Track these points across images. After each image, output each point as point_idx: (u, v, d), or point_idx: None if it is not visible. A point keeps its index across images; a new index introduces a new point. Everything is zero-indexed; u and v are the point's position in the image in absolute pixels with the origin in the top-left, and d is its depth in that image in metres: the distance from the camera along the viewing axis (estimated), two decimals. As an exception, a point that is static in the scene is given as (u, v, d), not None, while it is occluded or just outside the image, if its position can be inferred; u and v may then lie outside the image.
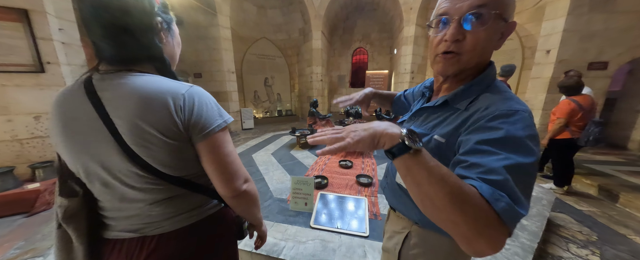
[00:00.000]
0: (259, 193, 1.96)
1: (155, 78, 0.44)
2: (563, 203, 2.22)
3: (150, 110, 0.41)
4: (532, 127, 0.37)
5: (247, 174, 0.51)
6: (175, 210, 0.49)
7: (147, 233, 0.47)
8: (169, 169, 0.45)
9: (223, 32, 5.04)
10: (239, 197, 0.50)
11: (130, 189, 0.45)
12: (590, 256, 1.51)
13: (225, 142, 0.47)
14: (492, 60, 0.47)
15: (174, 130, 0.42)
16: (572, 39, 3.27)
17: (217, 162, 0.46)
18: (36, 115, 2.24)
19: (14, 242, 1.62)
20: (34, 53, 2.12)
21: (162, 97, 0.41)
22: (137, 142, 0.41)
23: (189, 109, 0.43)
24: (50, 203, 2.06)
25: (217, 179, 0.47)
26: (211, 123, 0.45)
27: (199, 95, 0.46)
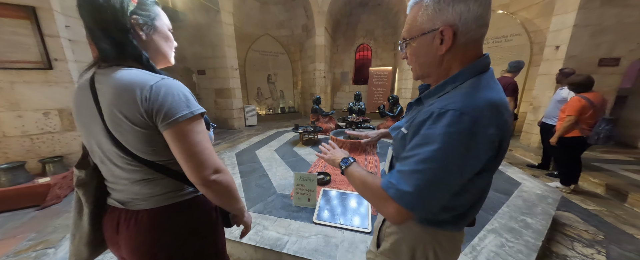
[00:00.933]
0: (262, 189, 2.02)
1: (133, 71, 0.48)
2: (569, 202, 2.19)
3: (122, 99, 0.46)
4: (455, 126, 0.39)
5: (218, 165, 0.52)
6: (151, 191, 0.54)
7: (129, 207, 0.55)
8: (142, 154, 0.50)
9: (226, 29, 5.04)
10: (207, 187, 0.51)
11: (115, 167, 0.53)
12: (596, 255, 1.50)
13: (192, 132, 0.48)
14: (486, 56, 0.48)
15: (140, 118, 0.46)
16: (582, 34, 3.17)
17: (183, 151, 0.48)
18: (45, 112, 2.29)
19: (27, 234, 1.68)
20: (41, 50, 2.15)
21: (132, 88, 0.46)
22: (114, 128, 0.48)
23: (154, 99, 0.45)
24: (61, 197, 2.12)
25: (184, 167, 0.50)
26: (175, 113, 0.46)
27: (167, 86, 0.47)
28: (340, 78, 8.51)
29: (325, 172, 2.29)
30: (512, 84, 2.70)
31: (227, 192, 0.55)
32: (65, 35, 2.28)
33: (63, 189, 2.17)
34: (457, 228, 0.53)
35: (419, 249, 0.55)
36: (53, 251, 1.50)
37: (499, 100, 0.42)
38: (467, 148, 0.39)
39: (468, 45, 0.45)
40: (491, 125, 0.40)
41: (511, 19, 4.63)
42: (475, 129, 0.39)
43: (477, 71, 0.46)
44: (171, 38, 0.59)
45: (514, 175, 2.34)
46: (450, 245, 0.54)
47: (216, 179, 0.51)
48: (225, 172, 0.54)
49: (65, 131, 2.41)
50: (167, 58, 0.59)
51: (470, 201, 0.50)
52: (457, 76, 0.46)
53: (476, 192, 0.49)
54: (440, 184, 0.41)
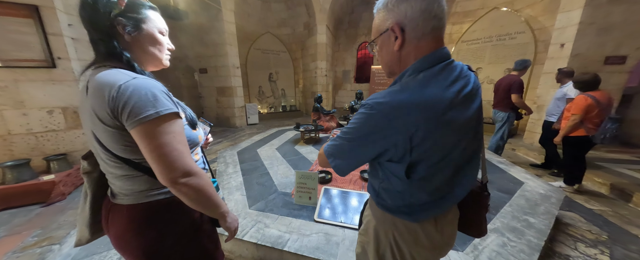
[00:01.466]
0: (263, 187, 2.03)
1: (111, 71, 0.49)
2: (572, 201, 2.17)
3: (95, 98, 0.48)
4: (362, 114, 0.49)
5: (188, 168, 0.50)
6: (132, 187, 0.55)
7: (116, 200, 0.58)
8: (117, 151, 0.51)
9: (228, 27, 5.04)
10: (176, 190, 0.50)
11: (103, 161, 0.55)
12: (599, 255, 1.48)
13: (159, 133, 0.47)
14: (439, 51, 0.51)
15: (108, 117, 0.47)
16: (588, 31, 3.12)
17: (148, 151, 0.48)
18: (49, 110, 2.31)
19: (32, 230, 1.70)
20: (45, 48, 2.17)
21: (102, 87, 0.47)
22: (92, 126, 0.51)
23: (120, 98, 0.45)
24: (65, 194, 2.15)
25: (153, 168, 0.49)
26: (139, 112, 0.46)
27: (135, 85, 0.47)
28: (341, 76, 8.48)
29: (326, 170, 2.29)
30: (516, 82, 2.67)
31: (199, 196, 0.53)
32: (68, 34, 2.29)
33: (67, 186, 2.20)
34: (411, 218, 0.55)
35: (381, 231, 0.60)
36: (58, 247, 1.52)
37: (408, 101, 0.45)
38: (364, 133, 0.49)
39: (420, 40, 0.49)
40: (393, 121, 0.45)
41: (515, 17, 4.57)
42: (376, 120, 0.47)
43: (420, 68, 0.49)
44: (161, 40, 0.59)
45: (517, 174, 2.32)
46: (409, 235, 0.56)
47: (186, 182, 0.50)
48: (198, 176, 0.52)
49: (69, 129, 2.43)
50: (156, 60, 0.60)
51: (418, 195, 0.53)
52: (401, 75, 0.52)
53: (412, 183, 0.52)
54: (346, 152, 0.53)
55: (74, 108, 2.41)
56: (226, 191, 1.97)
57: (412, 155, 0.48)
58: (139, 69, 0.54)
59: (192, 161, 0.52)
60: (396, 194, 0.55)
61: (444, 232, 0.58)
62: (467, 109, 0.49)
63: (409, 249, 0.57)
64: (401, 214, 0.56)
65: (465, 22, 5.50)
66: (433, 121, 0.45)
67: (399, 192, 0.54)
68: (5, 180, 2.01)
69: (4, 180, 2.02)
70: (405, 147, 0.47)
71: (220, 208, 0.60)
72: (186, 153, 0.51)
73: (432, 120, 0.45)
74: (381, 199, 0.59)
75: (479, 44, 5.17)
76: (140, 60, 0.56)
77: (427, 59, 0.49)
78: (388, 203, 0.57)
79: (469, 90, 0.49)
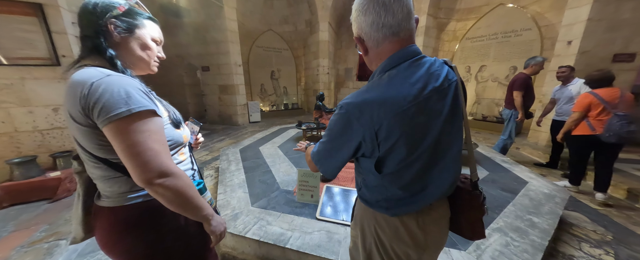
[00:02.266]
0: (266, 184, 2.04)
1: (88, 70, 0.48)
2: (577, 201, 2.15)
3: (68, 97, 0.47)
4: (335, 115, 0.54)
5: (164, 169, 0.48)
6: (112, 189, 0.54)
7: (100, 203, 0.57)
8: (93, 150, 0.51)
9: (229, 24, 5.02)
10: (152, 191, 0.49)
11: (84, 162, 0.55)
12: (604, 256, 1.47)
13: (131, 131, 0.46)
14: (398, 52, 0.54)
15: (80, 115, 0.47)
16: (596, 28, 3.05)
17: (120, 150, 0.46)
18: (55, 107, 2.33)
19: (40, 226, 1.74)
20: (50, 46, 2.19)
21: (75, 86, 0.46)
22: (69, 125, 0.51)
23: (91, 95, 0.45)
24: (71, 190, 2.19)
25: (127, 168, 0.48)
26: (110, 110, 0.44)
27: (108, 83, 0.46)
28: (343, 74, 8.43)
29: (328, 168, 2.29)
30: (520, 78, 2.62)
31: (177, 198, 0.51)
32: (72, 32, 2.31)
33: (73, 182, 2.23)
34: (389, 212, 0.57)
35: (365, 224, 0.63)
36: (64, 242, 1.55)
37: (371, 99, 0.49)
38: (338, 132, 0.54)
39: (378, 46, 0.54)
40: (360, 118, 0.49)
41: (521, 13, 4.48)
42: (346, 119, 0.51)
43: (385, 68, 0.53)
44: (151, 46, 0.59)
45: (521, 174, 2.30)
46: (389, 229, 0.58)
47: (162, 183, 0.48)
48: (175, 177, 0.50)
49: (74, 126, 2.46)
50: (142, 63, 0.59)
51: (391, 188, 0.55)
52: (372, 76, 0.57)
53: (384, 179, 0.55)
54: (328, 155, 0.58)
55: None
56: (229, 188, 1.99)
57: (380, 151, 0.51)
58: (121, 68, 0.53)
59: (170, 161, 0.50)
60: (373, 189, 0.59)
61: (427, 230, 0.58)
62: (436, 104, 0.50)
63: (390, 243, 0.59)
64: (380, 208, 0.58)
65: (469, 19, 5.41)
66: (396, 117, 0.48)
67: (375, 186, 0.58)
68: (12, 177, 2.05)
69: (12, 177, 2.05)
70: (373, 143, 0.51)
71: (202, 211, 0.57)
72: (163, 152, 0.49)
73: (395, 116, 0.48)
74: (363, 193, 0.62)
75: (483, 41, 5.09)
76: (125, 61, 0.56)
77: (392, 59, 0.53)
78: (368, 197, 0.60)
79: (437, 85, 0.51)
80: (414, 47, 0.53)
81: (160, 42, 0.63)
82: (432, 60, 0.54)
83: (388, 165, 0.53)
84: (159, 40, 0.62)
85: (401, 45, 0.52)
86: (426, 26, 5.35)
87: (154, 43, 0.60)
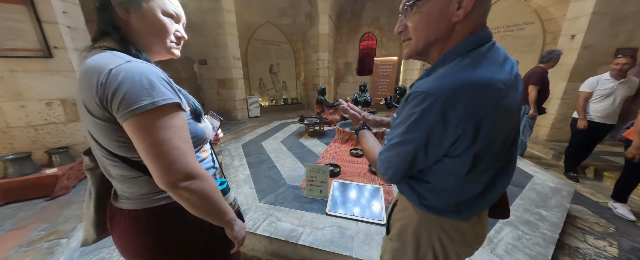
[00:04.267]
0: (272, 180, 2.01)
1: (104, 54, 0.42)
2: (579, 195, 2.18)
3: (82, 86, 0.41)
4: (418, 107, 0.42)
5: (190, 170, 0.43)
6: (132, 190, 0.49)
7: (118, 204, 0.51)
8: (111, 148, 0.45)
9: (227, 16, 4.86)
10: (176, 195, 0.43)
11: (100, 159, 0.49)
12: (608, 248, 1.49)
13: (156, 127, 0.40)
14: (484, 29, 0.44)
15: (97, 108, 0.41)
16: (601, 22, 3.04)
17: (143, 149, 0.40)
18: (48, 102, 2.23)
19: (38, 224, 1.68)
20: (40, 37, 2.07)
21: (90, 73, 0.40)
22: (83, 118, 0.45)
23: (109, 84, 0.39)
24: (69, 187, 2.12)
25: (149, 169, 0.42)
26: (133, 102, 0.39)
27: (128, 70, 0.40)
28: (343, 68, 8.34)
29: (334, 163, 2.27)
30: (536, 72, 2.56)
31: (203, 202, 0.46)
32: (63, 22, 2.18)
33: (71, 179, 2.16)
34: (460, 217, 0.51)
35: (423, 235, 0.55)
36: (66, 241, 1.50)
37: (473, 80, 0.39)
38: (425, 128, 0.42)
39: (482, 14, 0.43)
40: (458, 107, 0.39)
41: (524, 6, 4.44)
42: (438, 111, 0.40)
43: (468, 48, 0.43)
44: (164, 23, 0.49)
45: (525, 167, 2.31)
46: (457, 234, 0.53)
47: (187, 186, 0.43)
48: (201, 179, 0.45)
49: (70, 122, 2.37)
50: (157, 45, 0.50)
51: (471, 189, 0.48)
52: (446, 57, 0.45)
53: (468, 178, 0.47)
54: (406, 157, 0.47)
55: (73, 100, 2.33)
56: (234, 184, 1.95)
57: (477, 146, 0.42)
58: (135, 51, 0.46)
59: (196, 161, 0.45)
60: (443, 193, 0.50)
61: (484, 222, 0.56)
62: (516, 92, 0.45)
63: (457, 249, 0.54)
64: (449, 214, 0.51)
65: (471, 13, 5.34)
66: (498, 104, 0.40)
67: (446, 189, 0.49)
68: (7, 174, 1.97)
69: (6, 174, 1.97)
70: (472, 138, 0.41)
71: (226, 215, 0.52)
72: (189, 152, 0.44)
73: (497, 102, 0.40)
74: (424, 199, 0.53)
75: (485, 35, 5.04)
76: (137, 43, 0.48)
77: (476, 37, 0.43)
78: (434, 203, 0.52)
79: (516, 71, 0.45)
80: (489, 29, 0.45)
81: (177, 17, 0.52)
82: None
83: (479, 163, 0.45)
84: (175, 14, 0.51)
85: (484, 24, 0.45)
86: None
87: (169, 18, 0.50)
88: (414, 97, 0.43)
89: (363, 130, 0.72)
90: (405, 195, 0.58)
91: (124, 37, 0.46)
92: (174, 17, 0.52)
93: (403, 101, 0.47)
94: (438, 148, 0.44)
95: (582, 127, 2.29)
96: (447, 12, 0.43)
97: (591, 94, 2.23)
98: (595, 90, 2.20)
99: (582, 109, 2.28)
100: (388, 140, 0.50)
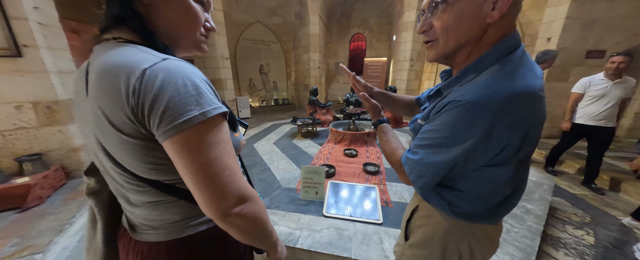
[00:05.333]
0: (266, 183, 1.97)
1: (127, 49, 0.33)
2: (558, 188, 2.33)
3: (102, 92, 0.32)
4: (464, 117, 0.40)
5: (242, 192, 0.36)
6: (161, 217, 0.40)
7: (138, 236, 0.42)
8: (140, 172, 0.36)
9: (215, 15, 4.72)
10: (226, 223, 0.35)
11: (115, 182, 0.40)
12: (586, 236, 1.60)
13: (207, 144, 0.32)
14: (516, 34, 0.42)
15: (126, 121, 0.31)
16: (574, 26, 3.27)
17: (190, 172, 0.32)
18: (17, 105, 2.05)
19: (9, 239, 1.53)
20: (7, 35, 1.89)
21: (115, 73, 0.31)
22: (99, 133, 0.34)
23: (147, 90, 0.30)
24: (43, 198, 1.96)
25: (195, 195, 0.34)
26: (179, 114, 0.30)
27: (169, 71, 0.31)
28: (334, 69, 8.37)
29: (329, 164, 2.27)
30: None
31: (254, 227, 0.39)
32: (34, 18, 2.01)
33: (45, 189, 2.00)
34: (490, 221, 0.52)
35: (451, 242, 0.54)
36: (41, 256, 1.38)
37: (522, 89, 0.37)
38: (475, 140, 0.40)
39: (514, 17, 0.41)
40: (508, 117, 0.38)
41: (505, 10, 4.68)
42: (487, 122, 0.38)
43: (503, 53, 0.41)
44: (196, 11, 0.40)
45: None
46: (487, 240, 0.53)
47: (240, 211, 0.35)
48: (252, 200, 0.37)
49: (42, 126, 2.19)
50: (186, 39, 0.41)
51: (503, 194, 0.48)
52: (479, 62, 0.43)
53: (505, 184, 0.46)
54: (444, 165, 0.44)
55: (46, 103, 2.16)
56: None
57: (519, 155, 0.42)
58: (161, 45, 0.37)
59: (245, 181, 0.38)
60: (477, 199, 0.49)
61: (501, 222, 0.58)
62: None
63: (483, 253, 0.54)
64: (480, 219, 0.51)
65: (456, 15, 5.57)
66: (540, 115, 0.40)
67: (481, 196, 0.48)
68: (-30, 185, 1.78)
69: (-31, 185, 1.79)
70: (516, 147, 0.40)
71: (272, 237, 0.45)
72: (238, 170, 0.36)
73: (540, 113, 0.40)
74: (456, 207, 0.51)
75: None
76: (164, 37, 0.39)
77: (510, 41, 0.41)
78: (465, 210, 0.51)
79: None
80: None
81: (208, 3, 0.43)
82: None
83: (518, 169, 0.44)
84: (206, 0, 0.42)
85: (514, 27, 0.42)
86: (415, 21, 5.41)
87: (199, 5, 0.41)
88: (457, 105, 0.40)
89: (383, 124, 0.65)
90: (431, 203, 0.55)
91: (147, 26, 0.36)
92: (205, 3, 0.42)
93: (439, 107, 0.44)
94: (480, 159, 0.42)
95: (564, 129, 2.29)
96: (481, 12, 0.40)
97: (582, 96, 2.12)
98: (587, 92, 2.10)
99: (570, 110, 2.21)
100: (420, 146, 0.47)
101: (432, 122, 0.46)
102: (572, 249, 1.45)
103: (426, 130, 0.47)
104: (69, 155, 2.32)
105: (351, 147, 2.84)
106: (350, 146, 2.86)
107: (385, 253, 1.17)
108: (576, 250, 1.44)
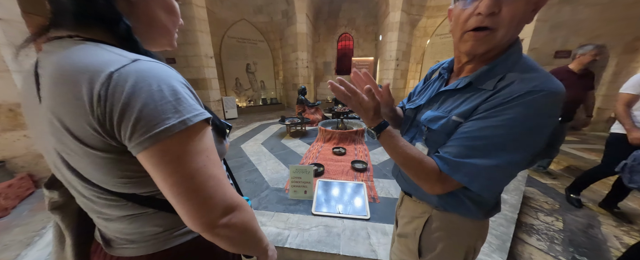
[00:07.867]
0: (253, 184, 1.94)
1: (90, 49, 0.28)
2: (531, 178, 2.50)
3: (59, 100, 0.27)
4: (546, 107, 0.38)
5: (229, 201, 0.33)
6: (140, 230, 0.37)
7: (114, 251, 0.38)
8: (111, 186, 0.32)
9: (198, 12, 4.55)
10: (213, 235, 0.32)
11: (82, 197, 0.35)
12: (555, 222, 1.74)
13: (188, 154, 0.29)
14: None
15: (92, 134, 0.27)
16: (543, 28, 3.51)
17: (171, 185, 0.29)
18: (-27, 107, 1.86)
19: (-32, 255, 1.40)
20: (-42, 29, 1.71)
21: (75, 79, 0.26)
22: (58, 145, 0.29)
23: (115, 98, 0.26)
24: (8, 209, 1.80)
25: (177, 209, 0.30)
26: (154, 123, 0.26)
27: (141, 75, 0.27)
28: (322, 68, 8.39)
29: (318, 163, 2.28)
30: (555, 74, 2.72)
31: (244, 237, 0.36)
32: (-10, 12, 1.83)
33: (10, 199, 1.84)
34: (496, 212, 0.53)
35: (471, 243, 0.54)
36: (7, 271, 1.28)
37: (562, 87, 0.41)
38: (532, 132, 0.39)
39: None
40: (557, 109, 0.39)
41: (482, 12, 4.92)
42: (550, 112, 0.38)
43: (521, 53, 0.44)
44: (175, 8, 0.39)
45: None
46: (485, 232, 0.55)
47: (228, 222, 0.32)
48: (240, 209, 0.34)
49: (5, 131, 2.01)
50: (166, 36, 0.39)
51: (501, 190, 0.50)
52: (509, 55, 0.43)
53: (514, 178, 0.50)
54: (513, 168, 0.41)
55: (8, 105, 1.98)
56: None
57: (536, 150, 0.42)
58: (143, 49, 0.34)
59: (232, 189, 0.35)
60: (497, 196, 0.51)
61: None
62: None
63: (481, 246, 0.56)
64: (493, 212, 0.52)
65: (438, 16, 5.77)
66: None
67: (498, 192, 0.50)
68: None
69: None
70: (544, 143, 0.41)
71: (262, 242, 0.42)
72: (224, 178, 0.33)
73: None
74: (484, 206, 0.50)
75: (450, 38, 5.48)
76: (144, 34, 0.35)
77: (519, 43, 0.45)
78: (489, 208, 0.51)
79: None
80: None
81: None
82: None
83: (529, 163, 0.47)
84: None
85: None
86: (400, 22, 5.55)
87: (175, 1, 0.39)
88: (541, 96, 0.37)
89: (389, 128, 0.50)
90: (455, 210, 0.52)
91: (128, 26, 0.32)
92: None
93: (503, 99, 0.39)
94: (525, 153, 0.40)
95: (637, 142, 1.46)
96: (527, 11, 0.38)
97: (637, 97, 1.50)
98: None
99: (626, 116, 1.52)
100: (481, 148, 0.41)
101: (494, 117, 0.40)
102: (544, 234, 1.57)
103: (483, 127, 0.41)
104: (37, 162, 2.14)
105: (340, 145, 2.87)
106: (339, 144, 2.89)
107: (373, 247, 1.20)
108: (547, 235, 1.56)
